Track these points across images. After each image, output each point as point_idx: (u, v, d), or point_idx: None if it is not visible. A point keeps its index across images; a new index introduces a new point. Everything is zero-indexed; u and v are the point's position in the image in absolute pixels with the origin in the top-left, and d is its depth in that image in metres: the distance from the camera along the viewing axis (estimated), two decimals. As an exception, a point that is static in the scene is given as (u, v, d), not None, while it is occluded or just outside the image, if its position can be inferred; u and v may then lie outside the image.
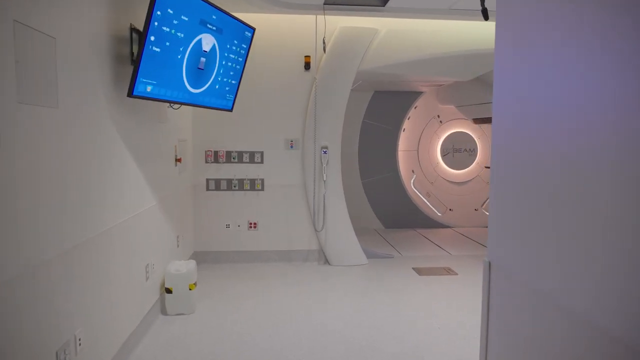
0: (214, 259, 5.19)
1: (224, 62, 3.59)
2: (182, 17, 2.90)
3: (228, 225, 5.19)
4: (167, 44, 2.84)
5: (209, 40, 3.27)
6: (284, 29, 5.00)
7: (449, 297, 4.19)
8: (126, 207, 3.03)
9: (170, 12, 2.78)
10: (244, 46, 3.82)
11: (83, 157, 2.39)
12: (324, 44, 4.81)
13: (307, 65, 5.03)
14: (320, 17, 4.84)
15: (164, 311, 3.74)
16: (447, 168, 7.63)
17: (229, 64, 3.69)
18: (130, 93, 2.69)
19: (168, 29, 2.80)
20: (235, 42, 3.67)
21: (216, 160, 5.10)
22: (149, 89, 2.81)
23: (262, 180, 5.17)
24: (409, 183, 7.45)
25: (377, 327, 3.53)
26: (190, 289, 3.72)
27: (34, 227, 1.91)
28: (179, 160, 4.31)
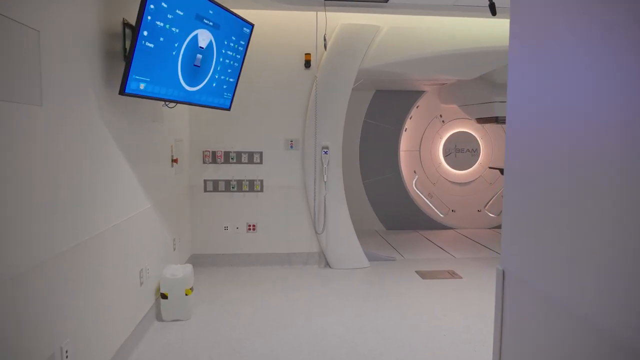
0: (211, 262, 5.06)
1: (221, 59, 3.47)
2: (177, 12, 2.78)
3: (226, 228, 5.07)
4: (161, 39, 2.71)
5: (205, 36, 3.14)
6: (284, 26, 4.88)
7: (453, 302, 4.07)
8: (119, 210, 2.90)
9: (165, 6, 2.66)
10: (242, 43, 3.69)
11: (72, 158, 2.26)
12: (324, 41, 4.69)
13: (308, 63, 4.91)
14: (321, 14, 4.72)
15: (159, 317, 3.61)
16: (450, 168, 7.51)
17: (227, 61, 3.57)
18: (122, 91, 2.56)
19: (162, 24, 2.68)
20: (233, 39, 3.54)
21: (214, 161, 4.98)
22: (142, 86, 2.69)
23: (261, 181, 5.05)
24: (410, 184, 7.32)
25: (380, 333, 3.41)
26: (186, 294, 3.60)
27: (18, 232, 1.78)
28: (175, 160, 4.18)
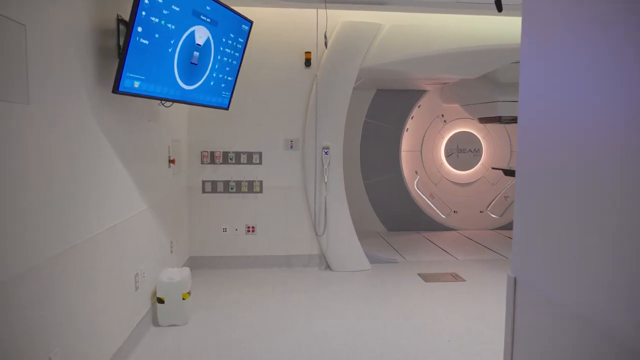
0: (210, 264, 4.96)
1: (219, 57, 3.37)
2: (173, 7, 2.68)
3: (225, 229, 4.97)
4: (156, 35, 2.62)
5: (202, 32, 3.05)
6: (284, 24, 4.78)
7: (457, 305, 3.97)
8: (113, 212, 2.81)
9: (160, 1, 2.56)
10: (241, 40, 3.60)
11: (64, 159, 2.17)
12: (325, 38, 4.59)
13: (308, 62, 4.81)
14: (321, 11, 4.62)
15: (155, 322, 3.52)
16: (452, 169, 7.42)
17: (225, 59, 3.47)
18: (116, 89, 2.47)
19: (157, 20, 2.58)
20: (232, 36, 3.45)
21: (212, 161, 4.88)
22: (136, 84, 2.59)
23: (261, 182, 4.95)
24: (412, 184, 7.23)
25: (382, 337, 3.31)
26: (183, 299, 3.50)
27: (5, 237, 1.69)
28: (172, 161, 4.09)
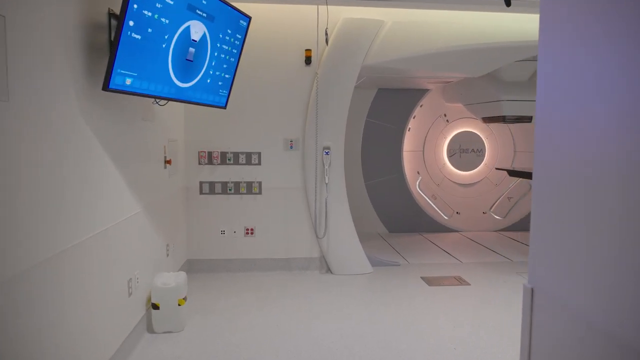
0: (207, 267, 4.84)
1: (216, 54, 3.25)
2: (167, 0, 2.55)
3: (223, 232, 4.85)
4: (149, 30, 2.49)
5: (198, 28, 2.92)
6: (283, 20, 4.65)
7: (462, 310, 3.84)
8: (105, 215, 2.68)
9: (153, -6, 2.44)
10: (239, 36, 3.47)
11: (50, 160, 2.04)
12: (326, 35, 4.47)
13: (308, 60, 4.69)
14: (322, 8, 4.49)
15: (150, 329, 3.39)
16: (454, 169, 7.29)
17: (222, 55, 3.34)
18: (106, 86, 2.34)
19: (150, 14, 2.46)
20: (229, 32, 3.32)
21: (210, 162, 4.76)
22: (128, 81, 2.47)
23: (260, 183, 4.82)
24: (414, 185, 7.10)
25: (384, 343, 3.18)
26: (179, 305, 3.38)
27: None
28: (168, 162, 3.96)
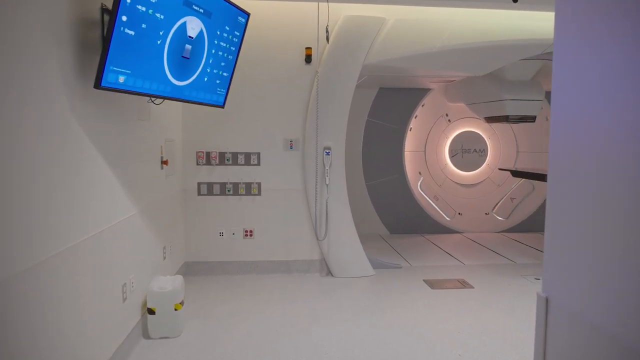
0: (206, 270, 4.74)
1: (213, 51, 3.15)
2: (162, -5, 2.46)
3: (221, 234, 4.75)
4: (143, 26, 2.40)
5: (195, 24, 2.83)
6: (283, 17, 4.56)
7: (466, 315, 3.75)
8: (98, 218, 2.59)
9: (147, -12, 2.34)
10: (237, 33, 3.38)
11: (41, 161, 1.95)
12: (327, 32, 4.37)
13: (308, 58, 4.59)
14: (322, 5, 4.40)
15: (146, 334, 3.30)
16: (456, 170, 7.20)
17: (220, 53, 3.25)
18: (98, 84, 2.25)
19: (144, 8, 2.36)
20: (227, 29, 3.22)
21: (208, 162, 4.66)
22: (121, 79, 2.37)
23: (259, 184, 4.73)
24: (415, 186, 7.01)
25: (387, 349, 3.09)
26: (175, 309, 3.28)
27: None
28: (165, 162, 3.86)
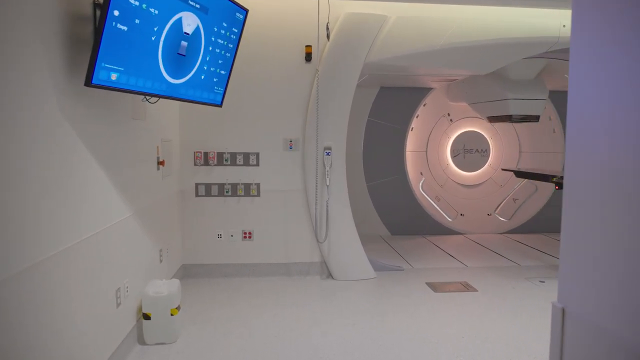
0: (204, 273, 4.65)
1: (210, 48, 3.05)
2: (156, -11, 2.37)
3: (220, 235, 4.65)
4: (137, 21, 2.30)
5: (191, 20, 2.73)
6: (282, 14, 4.46)
7: (470, 319, 3.65)
8: (90, 221, 2.49)
9: (140, -18, 2.25)
10: (235, 30, 3.28)
11: (28, 162, 1.85)
12: (327, 29, 4.27)
13: (309, 56, 4.49)
14: (323, 2, 4.30)
15: (141, 340, 3.20)
16: (458, 170, 7.11)
17: (217, 50, 3.15)
18: (89, 81, 2.15)
19: (137, 3, 2.27)
20: (225, 25, 3.13)
21: (206, 163, 4.56)
22: (113, 77, 2.28)
23: (258, 185, 4.63)
24: (417, 186, 6.91)
25: (389, 354, 3.00)
26: (172, 314, 3.18)
27: None
28: (161, 163, 3.77)
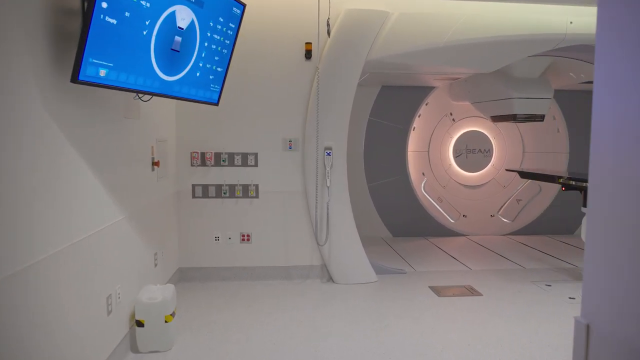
0: (201, 276, 4.52)
1: (206, 44, 2.93)
2: (147, -19, 2.24)
3: (217, 238, 4.53)
4: (127, 14, 2.18)
5: (185, 14, 2.61)
6: (281, 10, 4.33)
7: (476, 325, 3.53)
8: (80, 225, 2.37)
9: (130, -28, 2.13)
10: (232, 26, 3.16)
11: (12, 165, 1.73)
12: (328, 26, 4.15)
13: (308, 54, 4.37)
14: (323, -2, 4.18)
15: (134, 348, 3.08)
16: (460, 170, 6.99)
17: (213, 46, 3.03)
18: (75, 78, 2.03)
19: (127, -5, 2.15)
20: (221, 20, 3.00)
21: (203, 163, 4.44)
22: (102, 73, 2.15)
23: (257, 186, 4.51)
24: (419, 187, 6.79)
25: (395, 370, 2.88)
26: (166, 321, 3.06)
27: None
28: (156, 163, 3.65)
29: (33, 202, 1.94)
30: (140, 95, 2.72)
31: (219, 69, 3.23)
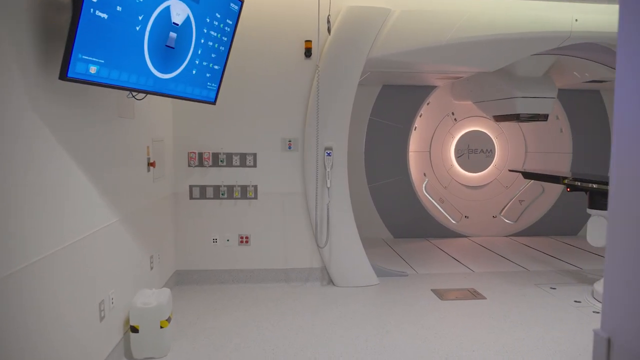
0: (198, 279, 4.43)
1: (202, 41, 2.84)
2: (140, -26, 2.15)
3: (215, 240, 4.43)
4: (118, 8, 2.08)
5: (180, 9, 2.51)
6: (281, 7, 4.24)
7: (480, 330, 3.44)
8: (71, 228, 2.28)
9: (122, -35, 2.03)
10: (230, 22, 3.06)
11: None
12: (328, 23, 4.05)
13: (308, 52, 4.27)
14: (323, -6, 4.09)
15: (129, 354, 2.98)
16: (462, 171, 6.90)
17: (210, 43, 2.93)
18: (64, 74, 1.93)
19: (119, -12, 2.05)
20: (218, 16, 2.91)
21: (201, 164, 4.34)
22: (92, 69, 2.06)
23: (255, 187, 4.41)
24: (420, 187, 6.70)
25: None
26: (161, 327, 2.97)
27: None
28: (152, 164, 3.55)
29: (23, 205, 1.85)
30: (133, 93, 2.63)
31: (216, 67, 3.14)
